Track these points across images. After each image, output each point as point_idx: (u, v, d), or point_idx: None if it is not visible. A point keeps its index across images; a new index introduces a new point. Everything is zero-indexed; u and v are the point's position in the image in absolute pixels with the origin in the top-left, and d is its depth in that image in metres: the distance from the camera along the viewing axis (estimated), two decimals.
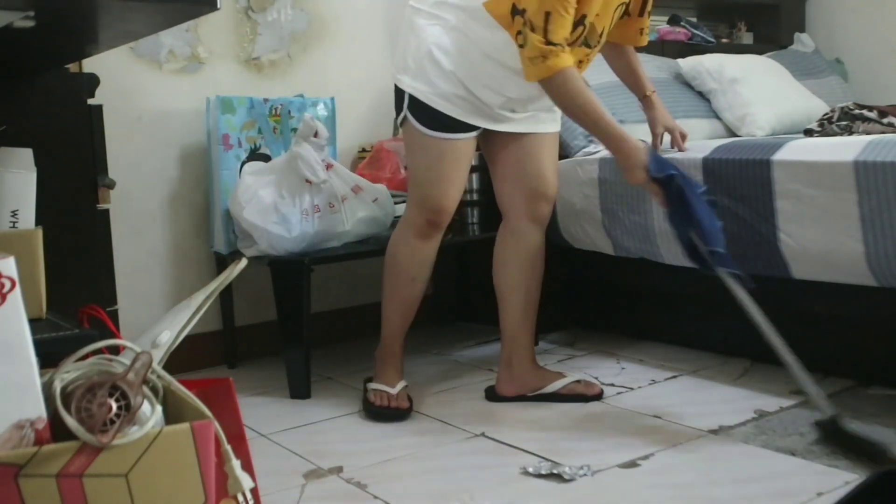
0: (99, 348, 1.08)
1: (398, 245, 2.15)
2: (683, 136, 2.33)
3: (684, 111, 2.93)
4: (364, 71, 2.95)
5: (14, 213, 1.50)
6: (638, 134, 2.74)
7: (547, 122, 2.18)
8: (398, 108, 2.10)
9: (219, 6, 1.28)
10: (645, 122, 2.80)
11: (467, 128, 2.05)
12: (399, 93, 2.08)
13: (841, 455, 1.72)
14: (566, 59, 1.87)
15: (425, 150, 2.06)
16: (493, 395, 2.22)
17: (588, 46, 2.02)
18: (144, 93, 2.56)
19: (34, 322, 1.10)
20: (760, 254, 2.14)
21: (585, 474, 1.70)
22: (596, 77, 2.85)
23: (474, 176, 2.72)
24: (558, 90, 1.91)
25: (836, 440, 1.77)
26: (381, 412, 2.07)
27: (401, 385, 2.14)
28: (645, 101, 2.32)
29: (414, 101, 2.03)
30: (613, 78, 2.87)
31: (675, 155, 2.36)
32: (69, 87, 1.88)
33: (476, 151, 2.79)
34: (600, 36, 2.04)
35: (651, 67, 3.06)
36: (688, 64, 3.08)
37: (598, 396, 2.18)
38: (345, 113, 2.82)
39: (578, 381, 2.19)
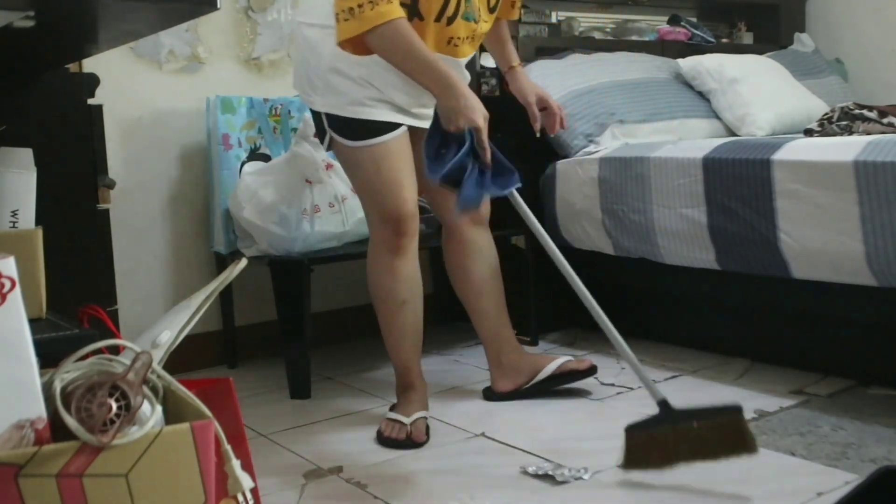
0: (99, 348, 1.08)
1: (376, 269, 2.02)
2: (563, 116, 2.19)
3: (684, 111, 2.93)
4: None
5: (14, 213, 1.50)
6: (639, 135, 2.76)
7: None
8: (320, 133, 2.00)
9: (219, 6, 1.28)
10: (645, 121, 2.82)
11: (392, 126, 1.94)
12: (316, 115, 1.99)
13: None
14: (396, 7, 1.73)
15: (361, 164, 1.95)
16: (490, 394, 2.22)
17: (474, 21, 1.92)
18: (144, 93, 2.56)
19: (34, 322, 1.10)
20: (760, 254, 2.14)
21: (581, 477, 1.70)
22: (595, 77, 2.86)
23: None
24: (387, 43, 1.75)
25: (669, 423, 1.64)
26: (388, 443, 1.94)
27: (417, 415, 1.98)
28: (510, 72, 2.22)
29: (332, 118, 1.94)
30: (612, 78, 2.88)
31: (674, 154, 2.36)
32: (69, 87, 1.88)
33: None
34: (491, 10, 1.97)
35: (651, 67, 3.06)
36: (688, 64, 3.08)
37: (593, 370, 2.21)
38: None
39: (570, 360, 2.22)
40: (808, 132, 2.55)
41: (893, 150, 1.89)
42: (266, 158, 2.58)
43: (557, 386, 2.19)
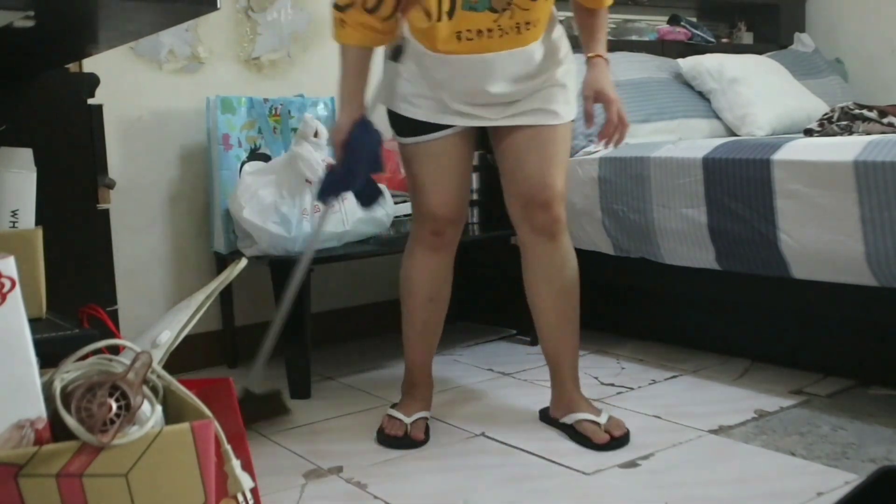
0: (99, 348, 1.08)
1: (409, 262, 2.01)
2: (621, 126, 1.95)
3: (684, 111, 2.93)
4: None
5: (14, 213, 1.50)
6: (639, 135, 2.76)
7: (539, 114, 1.90)
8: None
9: (219, 6, 1.28)
10: (646, 122, 2.82)
11: (436, 127, 1.88)
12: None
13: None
14: (348, 33, 1.79)
15: (408, 160, 1.95)
16: (545, 416, 2.04)
17: (491, 10, 1.73)
18: (144, 93, 2.56)
19: (34, 322, 1.10)
20: (760, 254, 2.15)
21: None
22: None
23: (473, 176, 2.71)
24: (340, 56, 1.86)
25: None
26: (388, 441, 1.93)
27: (418, 415, 1.97)
28: (587, 62, 2.03)
29: (390, 112, 1.96)
30: (612, 78, 2.88)
31: (674, 154, 2.36)
32: (69, 87, 1.88)
33: (476, 151, 2.78)
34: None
35: (651, 67, 3.06)
36: (688, 64, 3.08)
37: (601, 446, 1.86)
38: None
39: (595, 422, 1.91)
40: (808, 132, 2.56)
41: (893, 150, 1.90)
42: (266, 158, 2.58)
43: (568, 436, 1.94)
